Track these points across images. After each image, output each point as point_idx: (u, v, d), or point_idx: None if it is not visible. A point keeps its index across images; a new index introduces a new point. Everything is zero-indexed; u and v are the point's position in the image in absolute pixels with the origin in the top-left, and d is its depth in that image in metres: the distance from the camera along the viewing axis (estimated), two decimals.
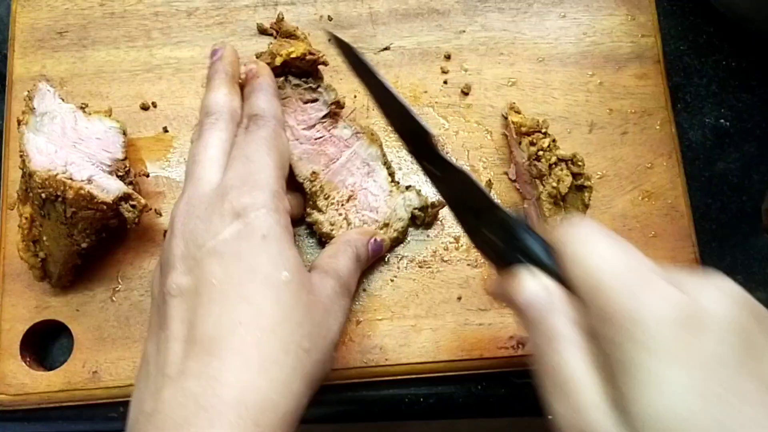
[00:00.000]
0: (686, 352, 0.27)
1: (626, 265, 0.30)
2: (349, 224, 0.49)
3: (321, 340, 0.37)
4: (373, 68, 0.39)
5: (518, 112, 0.53)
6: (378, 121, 0.53)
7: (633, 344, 0.27)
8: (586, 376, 0.29)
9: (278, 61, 0.46)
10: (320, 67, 0.50)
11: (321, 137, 0.49)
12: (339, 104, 0.49)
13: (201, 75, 0.53)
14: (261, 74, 0.45)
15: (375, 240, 0.48)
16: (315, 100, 0.49)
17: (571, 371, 0.30)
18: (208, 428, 0.30)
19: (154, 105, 0.53)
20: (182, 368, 0.32)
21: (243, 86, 0.45)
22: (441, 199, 0.46)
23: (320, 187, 0.48)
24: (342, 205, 0.49)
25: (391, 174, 0.51)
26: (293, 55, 0.47)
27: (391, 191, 0.50)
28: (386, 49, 0.55)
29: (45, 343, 0.51)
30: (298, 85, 0.49)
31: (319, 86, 0.49)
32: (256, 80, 0.44)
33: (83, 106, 0.49)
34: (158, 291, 0.36)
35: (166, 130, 0.52)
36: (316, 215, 0.48)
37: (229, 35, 0.54)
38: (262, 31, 0.54)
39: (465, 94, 0.55)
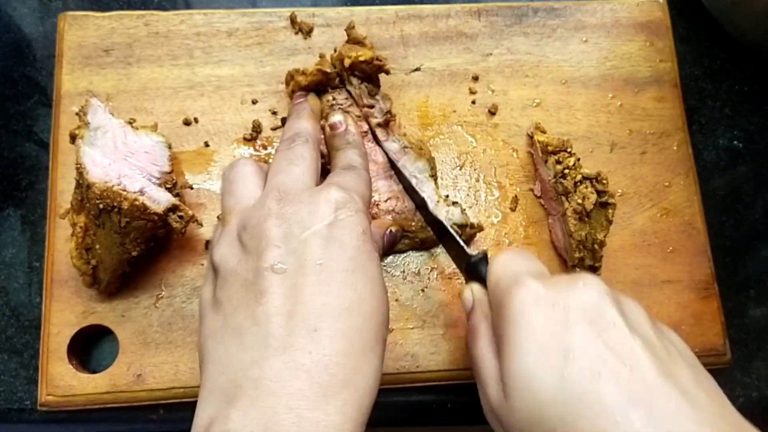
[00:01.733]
0: (540, 324, 0.35)
1: (511, 270, 0.40)
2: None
3: (387, 332, 0.39)
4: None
5: (543, 132, 0.56)
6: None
7: (505, 323, 0.37)
8: (489, 359, 0.39)
9: (347, 62, 0.49)
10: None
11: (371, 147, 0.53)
12: (391, 114, 0.53)
13: (240, 92, 0.56)
14: (354, 131, 0.49)
15: (391, 231, 0.51)
16: (372, 106, 0.52)
17: (481, 356, 0.40)
18: (322, 403, 0.32)
19: (196, 120, 0.55)
20: (289, 342, 0.34)
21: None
22: (480, 222, 0.53)
23: None
24: (377, 205, 0.52)
25: (438, 188, 0.53)
26: (361, 59, 0.49)
27: (437, 201, 0.52)
28: (417, 70, 0.58)
29: (88, 348, 0.53)
30: (357, 89, 0.52)
31: (377, 93, 0.52)
32: (351, 136, 0.49)
33: (131, 121, 0.51)
34: (247, 268, 0.37)
35: (207, 145, 0.55)
36: None
37: (267, 55, 0.57)
38: (293, 22, 0.57)
39: (492, 113, 0.57)
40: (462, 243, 0.47)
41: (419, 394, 0.53)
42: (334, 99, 0.51)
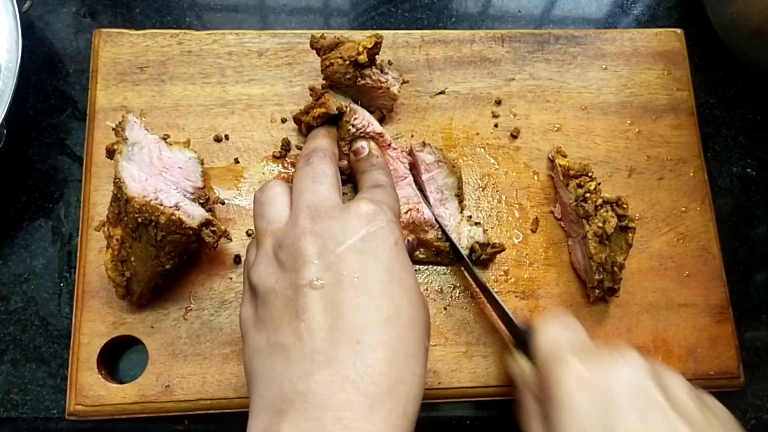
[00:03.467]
0: (584, 408, 0.37)
1: (554, 346, 0.42)
2: None
3: (429, 338, 0.41)
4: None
5: (564, 156, 0.57)
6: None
7: (551, 405, 0.39)
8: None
9: (363, 59, 0.50)
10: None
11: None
12: (405, 80, 0.55)
13: (270, 111, 0.57)
14: (377, 154, 0.51)
15: (408, 240, 0.53)
16: (387, 80, 0.53)
17: (530, 430, 0.42)
18: (368, 413, 0.33)
19: (227, 137, 0.56)
20: (333, 355, 0.35)
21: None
22: (502, 242, 0.55)
23: None
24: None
25: (462, 208, 0.55)
26: (369, 46, 0.50)
27: (460, 221, 0.54)
28: (441, 93, 0.59)
29: (116, 358, 0.53)
30: (373, 74, 0.53)
31: (384, 67, 0.54)
32: (375, 158, 0.51)
33: (165, 136, 0.53)
34: (286, 286, 0.38)
35: (237, 161, 0.56)
36: None
37: (296, 75, 0.58)
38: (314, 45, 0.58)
39: (514, 137, 0.59)
40: (510, 314, 0.48)
41: (441, 410, 0.55)
42: (352, 125, 0.52)
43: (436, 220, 0.53)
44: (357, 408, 0.33)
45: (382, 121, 0.57)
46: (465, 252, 0.53)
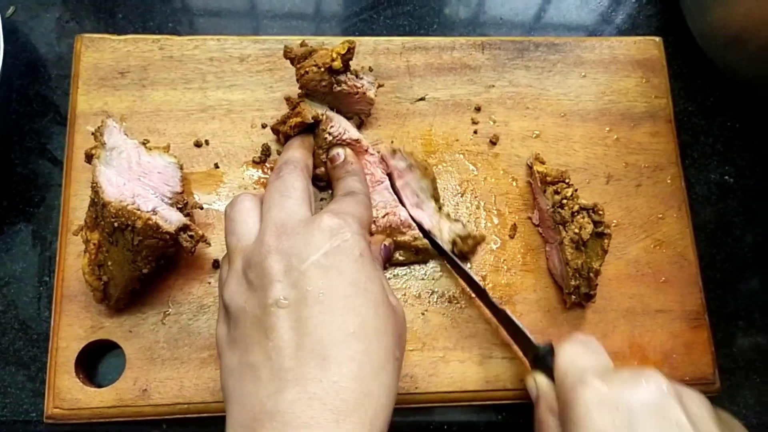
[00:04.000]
0: (605, 428, 0.38)
1: (576, 366, 0.43)
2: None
3: (402, 350, 0.41)
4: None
5: (543, 163, 0.58)
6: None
7: (572, 424, 0.39)
8: None
9: (337, 65, 0.50)
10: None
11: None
12: (380, 84, 0.57)
13: (250, 116, 0.58)
14: (352, 161, 0.52)
15: (385, 245, 0.53)
16: (362, 85, 0.54)
17: None
18: (335, 428, 0.34)
19: (207, 143, 0.57)
20: (300, 373, 0.35)
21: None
22: (483, 233, 0.56)
23: None
24: (375, 221, 0.53)
25: (440, 207, 0.55)
26: (342, 52, 0.50)
27: (439, 220, 0.55)
28: (422, 99, 0.60)
29: (94, 362, 0.54)
30: (349, 80, 0.53)
31: (360, 73, 0.54)
32: (350, 165, 0.51)
33: (145, 141, 0.53)
34: (255, 305, 0.38)
35: (216, 167, 0.56)
36: None
37: (277, 81, 0.59)
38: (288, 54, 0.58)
39: (493, 143, 0.59)
40: (528, 333, 0.49)
41: (417, 415, 0.55)
42: (329, 134, 0.52)
43: (413, 219, 0.54)
44: (324, 423, 0.34)
45: (360, 126, 0.57)
46: (448, 247, 0.54)
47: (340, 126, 0.52)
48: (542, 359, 0.47)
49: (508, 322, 0.50)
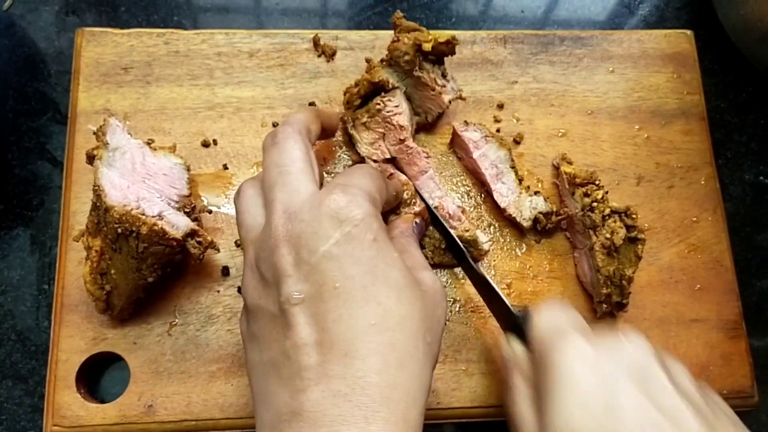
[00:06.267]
0: (586, 381, 0.37)
1: (555, 325, 0.41)
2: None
3: (437, 331, 0.39)
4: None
5: (570, 163, 0.54)
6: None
7: (550, 380, 0.38)
8: (528, 414, 0.40)
9: (427, 47, 0.49)
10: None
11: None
12: (462, 97, 0.54)
13: (261, 114, 0.55)
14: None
15: (416, 223, 0.50)
16: (445, 86, 0.52)
17: (521, 415, 0.41)
18: (364, 425, 0.32)
19: (215, 142, 0.54)
20: (322, 371, 0.33)
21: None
22: (567, 209, 0.53)
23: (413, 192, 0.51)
24: (411, 205, 0.51)
25: (520, 179, 0.53)
26: (441, 40, 0.49)
27: (520, 193, 0.52)
28: None
29: (97, 376, 0.51)
30: (432, 72, 0.51)
31: (448, 74, 0.53)
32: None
33: (149, 141, 0.50)
34: (270, 302, 0.36)
35: (225, 168, 0.53)
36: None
37: (289, 77, 0.56)
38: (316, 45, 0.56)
39: (517, 143, 0.56)
40: (504, 298, 0.46)
41: (440, 431, 0.52)
42: (383, 104, 0.50)
43: (435, 215, 0.51)
44: (352, 421, 0.32)
45: (422, 128, 0.55)
46: (527, 224, 0.52)
47: (398, 105, 0.50)
48: (517, 325, 0.44)
49: (485, 286, 0.48)
